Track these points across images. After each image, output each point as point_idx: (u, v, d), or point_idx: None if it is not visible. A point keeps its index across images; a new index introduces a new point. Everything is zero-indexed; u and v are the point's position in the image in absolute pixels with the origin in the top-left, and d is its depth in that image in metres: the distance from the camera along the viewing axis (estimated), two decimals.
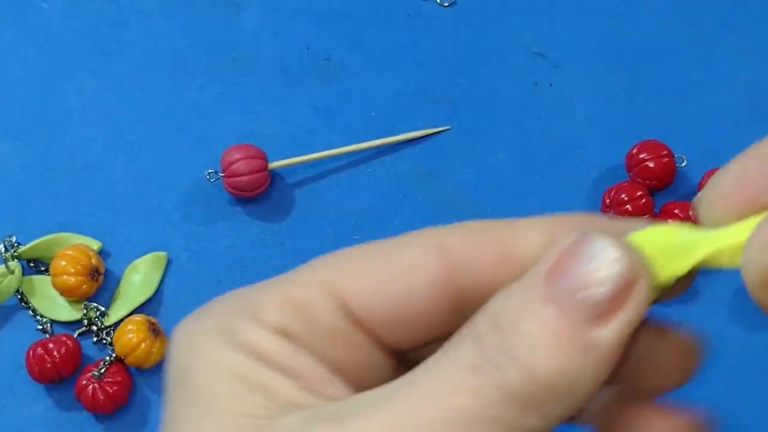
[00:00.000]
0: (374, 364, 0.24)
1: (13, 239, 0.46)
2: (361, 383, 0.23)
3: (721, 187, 0.22)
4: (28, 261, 0.46)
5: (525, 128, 0.49)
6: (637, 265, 0.20)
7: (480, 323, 0.21)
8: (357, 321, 0.23)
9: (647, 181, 0.45)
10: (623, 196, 0.44)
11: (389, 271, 0.23)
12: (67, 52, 0.50)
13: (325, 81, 0.50)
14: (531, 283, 0.21)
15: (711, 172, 0.45)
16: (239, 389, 0.21)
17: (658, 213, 0.45)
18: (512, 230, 0.23)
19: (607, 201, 0.45)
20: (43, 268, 0.46)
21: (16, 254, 0.45)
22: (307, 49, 0.50)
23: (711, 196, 0.22)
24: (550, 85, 0.49)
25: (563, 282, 0.20)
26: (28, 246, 0.46)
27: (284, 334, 0.22)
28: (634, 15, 0.50)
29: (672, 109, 0.48)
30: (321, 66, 0.50)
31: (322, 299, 0.22)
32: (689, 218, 0.44)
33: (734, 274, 0.21)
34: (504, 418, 0.20)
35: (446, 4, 0.51)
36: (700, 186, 0.46)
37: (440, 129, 0.49)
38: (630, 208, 0.44)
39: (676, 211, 0.44)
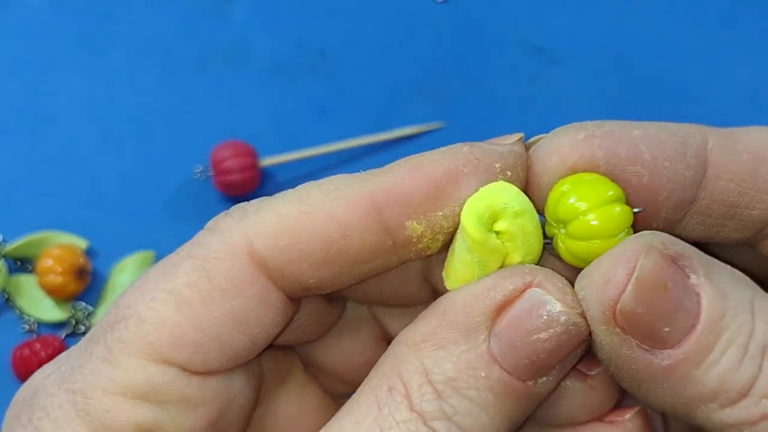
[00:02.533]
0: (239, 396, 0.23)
1: None
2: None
3: (561, 144, 0.21)
4: (14, 260, 0.45)
5: (520, 125, 0.48)
6: (581, 321, 0.20)
7: (411, 380, 0.20)
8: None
9: None
10: None
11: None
12: (54, 47, 0.50)
13: (317, 77, 0.49)
14: (470, 336, 0.20)
15: None
16: None
17: None
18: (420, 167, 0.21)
19: None
20: (29, 268, 0.45)
21: (1, 253, 0.45)
22: (300, 44, 0.50)
23: (550, 148, 0.21)
24: (547, 81, 0.49)
25: (508, 339, 0.19)
26: (13, 245, 0.45)
27: None
28: (633, 11, 0.50)
29: (669, 106, 0.48)
30: (314, 61, 0.49)
31: (164, 373, 0.21)
32: None
33: None
34: None
35: (440, 0, 0.50)
36: None
37: (434, 125, 0.48)
38: None
39: None
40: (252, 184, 0.46)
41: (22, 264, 0.45)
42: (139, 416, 0.21)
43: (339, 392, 0.26)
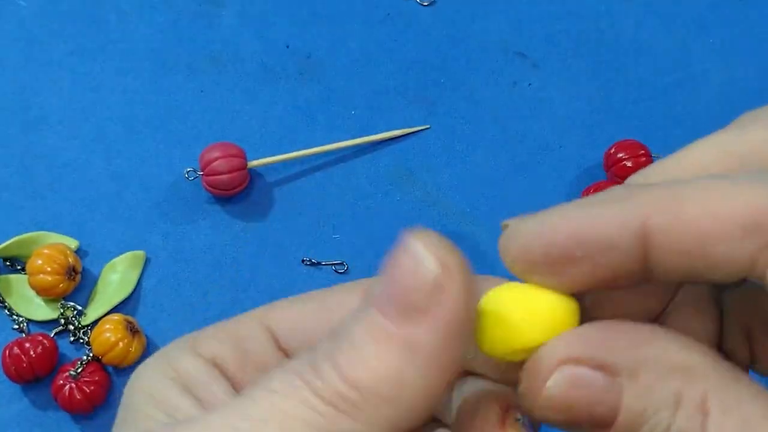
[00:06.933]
0: None
1: None
2: None
3: (526, 241, 0.22)
4: (5, 260, 0.46)
5: (504, 128, 0.49)
6: (449, 266, 0.20)
7: (322, 335, 0.22)
8: (283, 349, 0.25)
9: (625, 180, 0.45)
10: None
11: (311, 309, 0.26)
12: (46, 50, 0.50)
13: (305, 80, 0.50)
14: (367, 295, 0.21)
15: None
16: (153, 409, 0.24)
17: None
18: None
19: None
20: (19, 267, 0.45)
21: None
22: (287, 47, 0.50)
23: (515, 247, 0.23)
24: (529, 85, 0.49)
25: (386, 287, 0.21)
26: (4, 244, 0.45)
27: (214, 363, 0.25)
28: (613, 16, 0.51)
29: (649, 109, 0.49)
30: (301, 65, 0.50)
31: (256, 332, 0.25)
32: None
33: None
34: (319, 423, 0.20)
35: (426, 3, 0.51)
36: None
37: (420, 128, 0.49)
38: None
39: None
40: (241, 185, 0.46)
41: (12, 263, 0.46)
42: None
43: None
